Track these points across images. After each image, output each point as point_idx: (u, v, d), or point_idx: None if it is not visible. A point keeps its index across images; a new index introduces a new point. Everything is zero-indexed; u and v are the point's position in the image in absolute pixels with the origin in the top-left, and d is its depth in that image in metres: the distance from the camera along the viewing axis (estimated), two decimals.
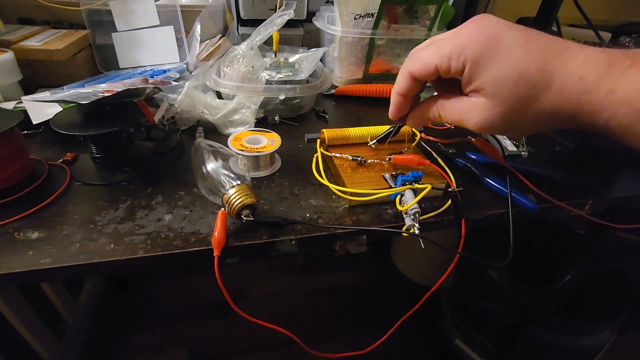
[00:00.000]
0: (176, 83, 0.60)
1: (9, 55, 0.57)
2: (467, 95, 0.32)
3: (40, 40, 0.61)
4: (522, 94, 0.29)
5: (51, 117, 0.44)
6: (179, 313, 1.26)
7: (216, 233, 0.36)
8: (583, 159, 0.55)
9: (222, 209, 0.38)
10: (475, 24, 0.31)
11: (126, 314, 1.24)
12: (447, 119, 0.35)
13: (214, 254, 0.35)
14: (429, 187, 0.40)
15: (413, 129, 0.52)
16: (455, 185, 0.45)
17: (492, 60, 0.29)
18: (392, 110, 0.37)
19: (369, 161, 0.47)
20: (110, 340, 1.17)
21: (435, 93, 0.36)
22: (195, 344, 1.18)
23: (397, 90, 0.36)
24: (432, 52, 0.32)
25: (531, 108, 0.29)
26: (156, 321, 1.23)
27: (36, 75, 0.64)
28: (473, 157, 0.50)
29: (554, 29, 0.87)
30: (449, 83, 0.35)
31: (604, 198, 0.49)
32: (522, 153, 0.55)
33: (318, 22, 0.73)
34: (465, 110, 0.32)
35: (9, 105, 0.54)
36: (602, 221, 0.52)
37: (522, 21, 0.97)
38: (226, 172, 0.39)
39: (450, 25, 0.74)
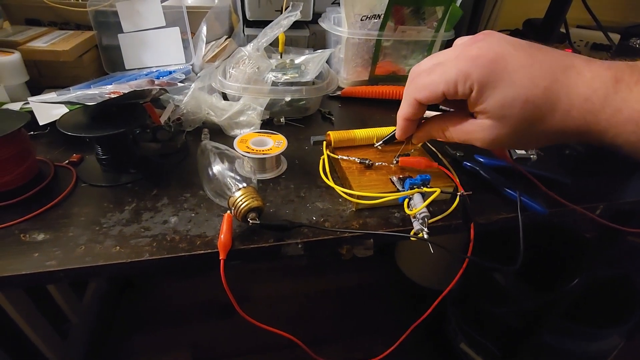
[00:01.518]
0: (182, 84, 0.60)
1: (15, 56, 0.57)
2: (472, 113, 0.33)
3: (47, 42, 0.62)
4: (528, 116, 0.29)
5: (57, 118, 0.44)
6: (182, 314, 1.26)
7: (222, 236, 0.36)
8: (593, 162, 0.55)
9: (228, 211, 0.38)
10: (479, 45, 0.31)
11: (130, 314, 1.24)
12: (453, 139, 0.35)
13: (220, 257, 0.35)
14: (438, 190, 0.39)
15: None
16: (463, 188, 0.44)
17: (498, 84, 0.29)
18: (398, 133, 0.39)
19: (376, 164, 0.46)
20: (114, 340, 1.17)
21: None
22: (198, 345, 1.17)
23: (403, 115, 0.36)
24: (436, 78, 0.32)
25: (538, 128, 0.30)
26: (159, 321, 1.23)
27: (43, 76, 0.64)
28: (481, 160, 0.49)
29: (562, 30, 0.86)
30: (454, 100, 0.35)
31: (616, 202, 0.48)
32: (531, 156, 0.54)
33: (324, 24, 0.73)
34: (472, 132, 0.33)
35: (16, 106, 0.54)
36: (613, 225, 0.51)
37: (529, 22, 0.96)
38: (232, 175, 0.39)
39: (457, 26, 0.73)
